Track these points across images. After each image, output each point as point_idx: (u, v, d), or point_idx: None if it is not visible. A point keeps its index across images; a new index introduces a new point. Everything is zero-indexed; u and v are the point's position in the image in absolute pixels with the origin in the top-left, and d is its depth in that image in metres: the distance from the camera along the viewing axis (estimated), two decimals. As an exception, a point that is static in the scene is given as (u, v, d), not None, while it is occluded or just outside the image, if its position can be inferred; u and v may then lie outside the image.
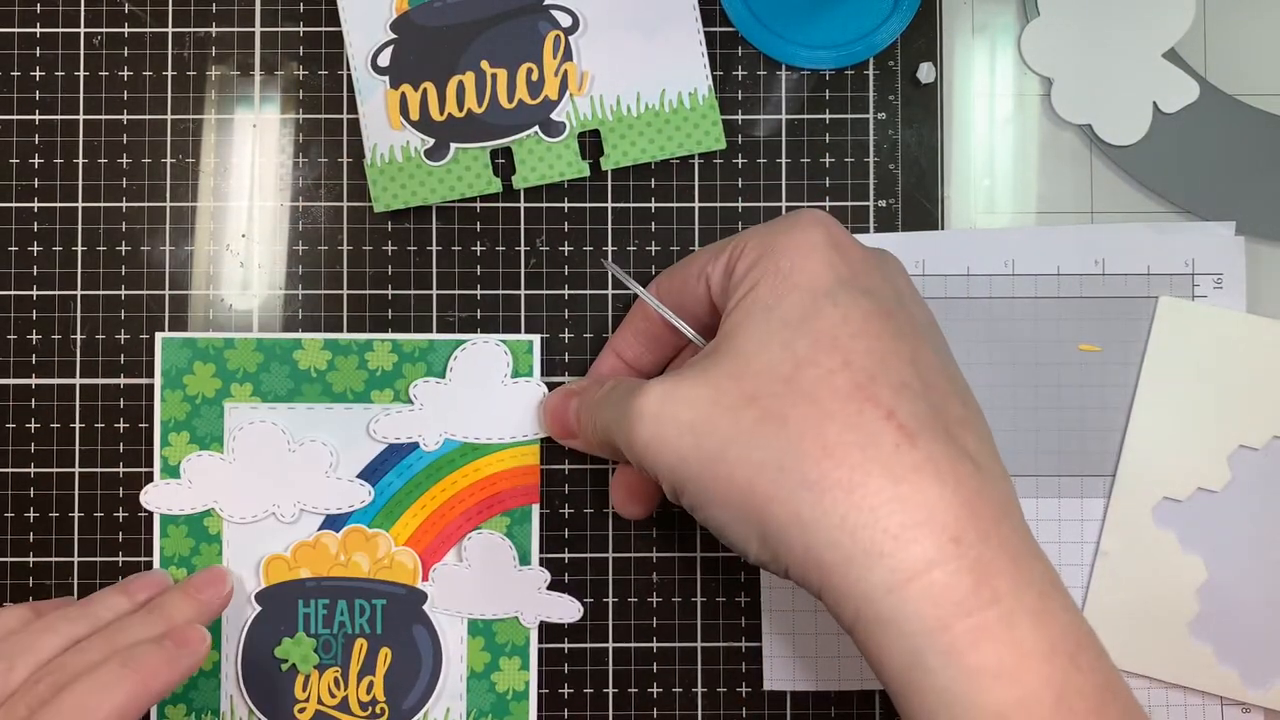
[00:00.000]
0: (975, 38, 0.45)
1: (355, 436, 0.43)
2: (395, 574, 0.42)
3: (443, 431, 0.42)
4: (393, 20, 0.43)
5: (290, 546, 0.42)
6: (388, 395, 0.43)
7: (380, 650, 0.42)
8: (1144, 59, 0.44)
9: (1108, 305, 0.43)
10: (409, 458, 0.43)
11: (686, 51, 0.43)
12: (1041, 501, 0.43)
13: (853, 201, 0.44)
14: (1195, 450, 0.43)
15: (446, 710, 0.42)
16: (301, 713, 0.42)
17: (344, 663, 0.42)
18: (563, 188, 0.44)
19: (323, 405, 0.43)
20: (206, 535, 0.42)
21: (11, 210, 0.43)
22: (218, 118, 0.44)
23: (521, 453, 0.43)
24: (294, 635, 0.42)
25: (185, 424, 0.42)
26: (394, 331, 0.43)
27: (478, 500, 0.42)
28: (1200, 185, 0.44)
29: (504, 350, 0.43)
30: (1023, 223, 0.45)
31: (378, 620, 0.42)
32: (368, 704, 0.42)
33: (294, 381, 0.43)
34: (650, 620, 0.44)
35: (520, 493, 0.43)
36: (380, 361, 0.43)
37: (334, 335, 0.43)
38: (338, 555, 0.42)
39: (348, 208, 0.44)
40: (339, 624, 0.42)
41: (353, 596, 0.42)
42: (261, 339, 0.43)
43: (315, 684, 0.42)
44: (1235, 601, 0.43)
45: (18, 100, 0.44)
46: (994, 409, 0.43)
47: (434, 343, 0.43)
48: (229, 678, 0.42)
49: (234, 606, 0.42)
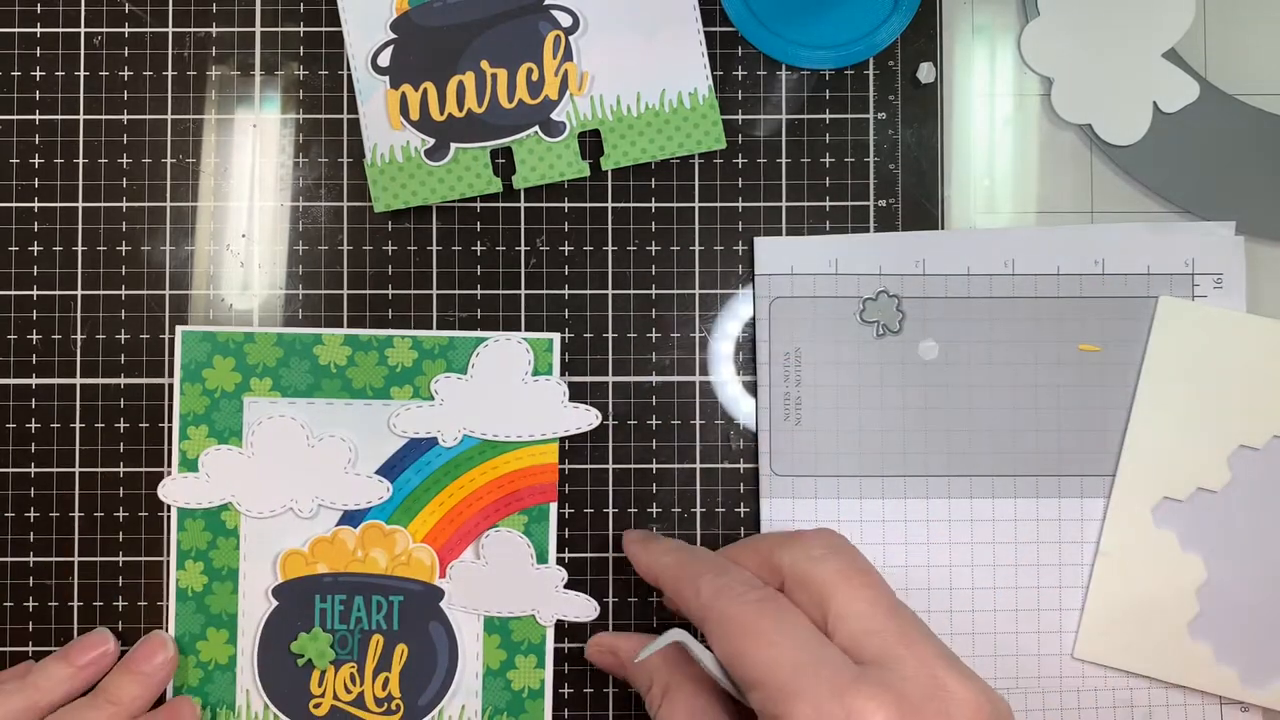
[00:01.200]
0: (975, 38, 0.45)
1: (374, 432, 0.43)
2: (412, 570, 0.42)
3: (462, 428, 0.42)
4: (393, 20, 0.43)
5: (308, 542, 0.42)
6: (407, 391, 0.43)
7: (396, 646, 0.42)
8: (1144, 59, 0.44)
9: (1108, 305, 0.43)
10: (428, 454, 0.43)
11: (686, 51, 0.43)
12: (1041, 501, 0.43)
13: (853, 201, 0.44)
14: (1195, 450, 0.43)
15: (462, 707, 0.42)
16: (317, 708, 0.42)
17: (360, 658, 0.42)
18: (563, 188, 0.44)
19: (342, 401, 0.43)
20: (224, 529, 0.42)
21: (11, 210, 0.43)
22: (218, 118, 0.44)
23: (540, 451, 0.43)
24: (310, 630, 0.42)
25: (204, 418, 0.42)
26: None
27: (496, 498, 0.43)
28: (1200, 185, 0.44)
29: (526, 348, 0.43)
30: (1023, 223, 0.45)
31: (394, 616, 0.42)
32: (383, 700, 0.42)
33: (314, 377, 0.43)
34: (651, 620, 0.44)
35: (538, 491, 0.43)
36: (400, 358, 0.43)
37: (354, 331, 0.43)
38: (355, 551, 0.42)
39: (348, 208, 0.44)
40: (355, 620, 0.42)
41: (370, 592, 0.42)
42: (282, 333, 0.43)
43: (331, 679, 0.42)
44: (1234, 601, 0.43)
45: (18, 100, 0.44)
46: (994, 409, 0.43)
47: (454, 339, 0.43)
48: (245, 672, 0.42)
49: (251, 601, 0.42)
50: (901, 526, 0.43)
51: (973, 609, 0.43)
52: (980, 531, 0.43)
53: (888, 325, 0.43)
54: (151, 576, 0.43)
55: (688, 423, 0.44)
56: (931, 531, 0.43)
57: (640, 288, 0.44)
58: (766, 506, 0.43)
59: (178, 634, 0.42)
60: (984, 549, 0.43)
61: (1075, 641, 0.43)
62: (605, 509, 0.44)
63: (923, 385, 0.43)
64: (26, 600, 0.43)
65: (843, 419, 0.43)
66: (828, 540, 0.36)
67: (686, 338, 0.44)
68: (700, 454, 0.44)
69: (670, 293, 0.44)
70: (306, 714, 0.42)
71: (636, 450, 0.44)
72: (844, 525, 0.43)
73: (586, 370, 0.44)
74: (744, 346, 0.44)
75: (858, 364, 0.43)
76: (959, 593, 0.43)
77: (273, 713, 0.42)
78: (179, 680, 0.42)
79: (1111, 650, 0.43)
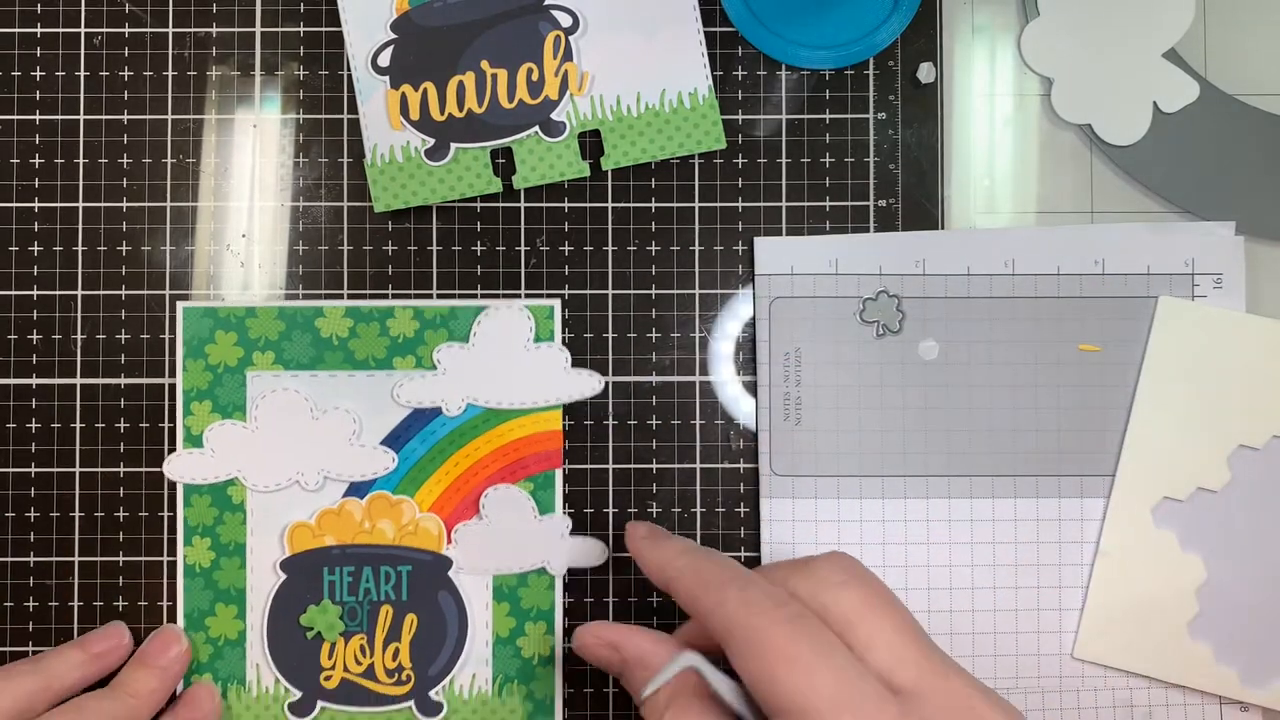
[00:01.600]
0: (975, 38, 0.45)
1: (378, 403, 0.43)
2: (420, 540, 0.43)
3: (465, 396, 0.42)
4: (393, 20, 0.43)
5: (315, 514, 0.42)
6: (410, 362, 0.43)
7: (406, 617, 0.42)
8: (1144, 59, 0.44)
9: (1108, 305, 0.43)
10: (432, 424, 0.43)
11: (686, 51, 0.43)
12: (1041, 501, 0.43)
13: (853, 201, 0.44)
14: (1195, 450, 0.43)
15: (473, 676, 0.43)
16: (328, 680, 0.42)
17: (370, 630, 0.42)
18: (563, 188, 0.44)
19: (345, 373, 0.43)
20: (230, 504, 0.43)
21: (11, 210, 0.43)
22: (218, 118, 0.44)
23: (544, 418, 0.43)
24: (319, 603, 0.42)
25: (207, 393, 0.42)
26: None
27: (501, 465, 0.43)
28: (1200, 185, 0.44)
29: (527, 315, 0.43)
30: (1023, 223, 0.45)
31: (403, 587, 0.42)
32: (394, 671, 0.42)
33: (316, 349, 0.43)
34: (651, 620, 0.44)
35: (544, 458, 0.43)
36: (402, 328, 0.43)
37: (355, 302, 0.43)
38: (362, 522, 0.43)
39: (348, 208, 0.44)
40: (364, 591, 0.42)
41: (378, 563, 0.42)
42: (283, 307, 0.43)
43: (342, 651, 0.42)
44: (1234, 601, 0.43)
45: (18, 100, 0.44)
46: (994, 409, 0.43)
47: (455, 309, 0.43)
48: (254, 646, 0.42)
49: (259, 575, 0.42)
50: (901, 526, 0.43)
51: (973, 609, 0.43)
52: (980, 531, 0.43)
53: (888, 325, 0.43)
54: (152, 576, 0.43)
55: (688, 423, 0.44)
56: (931, 531, 0.43)
57: (640, 288, 0.44)
58: (766, 506, 0.43)
59: (186, 610, 0.42)
60: (984, 549, 0.43)
61: (1075, 641, 0.43)
62: (605, 509, 0.44)
63: (923, 385, 0.43)
64: (27, 600, 0.43)
65: (843, 419, 0.43)
66: (845, 565, 0.35)
67: (686, 338, 0.44)
68: (700, 454, 0.44)
69: (670, 293, 0.44)
70: (317, 686, 0.42)
71: (636, 450, 0.44)
72: (844, 525, 0.43)
73: (587, 370, 0.44)
74: (744, 346, 0.44)
75: (858, 364, 0.43)
76: (959, 593, 0.43)
77: (283, 686, 0.42)
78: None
79: (1111, 650, 0.43)
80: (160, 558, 0.43)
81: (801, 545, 0.43)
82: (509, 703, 0.42)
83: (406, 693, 0.42)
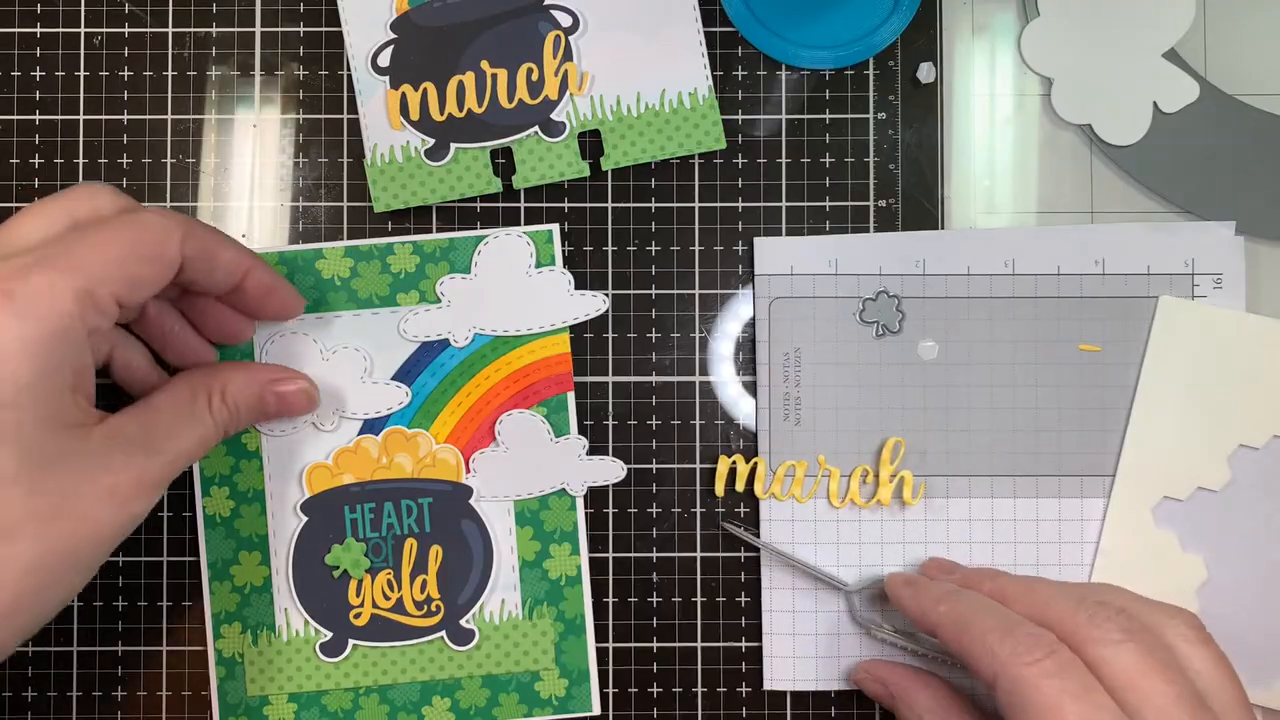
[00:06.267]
0: (975, 38, 0.45)
1: (386, 340, 0.43)
2: (439, 471, 0.43)
3: (472, 327, 0.43)
4: (393, 20, 0.43)
5: (331, 454, 0.43)
6: (413, 297, 0.43)
7: (431, 548, 0.42)
8: (1144, 59, 0.44)
9: (1108, 305, 0.43)
10: (441, 356, 0.43)
11: (686, 51, 0.43)
12: (1041, 501, 0.43)
13: (853, 201, 0.44)
14: (1195, 450, 0.43)
15: (502, 602, 0.43)
16: (357, 618, 0.42)
17: (395, 564, 0.42)
18: (563, 188, 0.44)
19: (350, 312, 0.43)
20: (245, 451, 0.43)
21: (12, 210, 0.43)
22: (218, 118, 0.44)
23: (552, 342, 0.43)
24: (343, 542, 0.42)
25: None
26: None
27: (513, 392, 0.43)
28: (1200, 185, 0.44)
29: (526, 241, 0.43)
30: (1023, 223, 0.45)
31: (425, 519, 0.43)
32: (422, 603, 0.42)
33: (319, 291, 0.43)
34: (650, 620, 0.44)
35: (554, 382, 0.43)
36: (403, 264, 0.43)
37: (355, 241, 0.43)
38: (379, 458, 0.43)
39: (348, 208, 0.44)
40: (387, 526, 0.43)
41: (398, 497, 0.43)
42: (284, 251, 0.43)
43: (369, 588, 0.42)
44: (1235, 601, 0.43)
45: (18, 100, 0.44)
46: (994, 409, 0.43)
47: (454, 240, 0.43)
48: (281, 591, 0.43)
49: (280, 520, 0.42)
50: (901, 526, 0.43)
51: (973, 609, 0.43)
52: (980, 531, 0.43)
53: (887, 325, 0.43)
54: (152, 577, 0.43)
55: (688, 423, 0.44)
56: (931, 531, 0.43)
57: (640, 288, 0.44)
58: (766, 507, 0.43)
59: (210, 560, 0.42)
60: (984, 549, 0.43)
61: (1075, 641, 0.43)
62: (605, 509, 0.44)
63: (923, 385, 0.43)
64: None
65: (842, 419, 0.43)
66: (1122, 615, 0.34)
67: (686, 338, 0.44)
68: (700, 454, 0.44)
69: (670, 293, 0.44)
70: (347, 625, 0.42)
71: (636, 450, 0.44)
72: (843, 525, 0.43)
73: (587, 370, 0.44)
74: (744, 346, 0.44)
75: (858, 364, 0.43)
76: (959, 593, 0.43)
77: (313, 627, 0.42)
78: (216, 607, 0.42)
79: (1111, 650, 0.43)
80: (160, 558, 0.43)
81: (801, 545, 0.43)
82: (540, 625, 0.43)
83: (437, 623, 0.42)
